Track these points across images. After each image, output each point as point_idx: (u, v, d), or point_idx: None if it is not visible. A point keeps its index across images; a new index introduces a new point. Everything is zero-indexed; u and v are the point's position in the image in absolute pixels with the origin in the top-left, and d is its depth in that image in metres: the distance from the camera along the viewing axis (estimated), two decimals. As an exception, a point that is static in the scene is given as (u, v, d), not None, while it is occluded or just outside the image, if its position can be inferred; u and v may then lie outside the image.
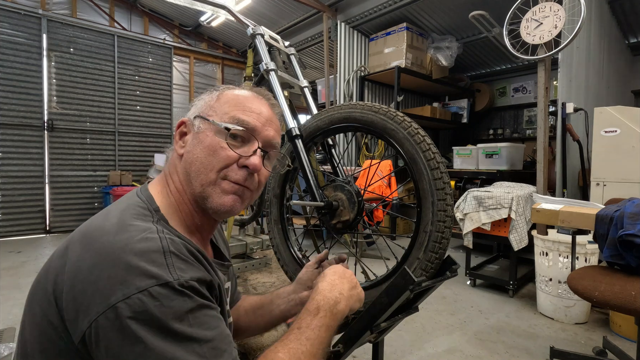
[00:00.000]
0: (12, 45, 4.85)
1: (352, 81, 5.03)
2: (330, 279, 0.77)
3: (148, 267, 0.52)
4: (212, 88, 0.78)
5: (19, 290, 3.01)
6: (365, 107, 1.18)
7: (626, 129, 2.61)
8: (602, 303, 1.45)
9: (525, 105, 5.69)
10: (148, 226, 0.59)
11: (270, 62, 1.46)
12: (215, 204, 0.68)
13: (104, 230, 0.57)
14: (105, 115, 5.64)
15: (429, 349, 2.16)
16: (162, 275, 0.52)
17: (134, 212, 0.62)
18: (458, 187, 4.19)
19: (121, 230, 0.57)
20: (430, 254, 1.02)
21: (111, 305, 0.49)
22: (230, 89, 0.77)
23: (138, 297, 0.50)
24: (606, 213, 1.63)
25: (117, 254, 0.53)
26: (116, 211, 0.63)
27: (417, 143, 1.05)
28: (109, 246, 0.54)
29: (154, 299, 0.50)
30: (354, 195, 1.18)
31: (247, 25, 1.59)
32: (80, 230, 0.62)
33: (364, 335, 1.01)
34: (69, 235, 0.64)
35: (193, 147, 0.70)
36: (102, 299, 0.50)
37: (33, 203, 5.10)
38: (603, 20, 3.72)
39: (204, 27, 6.55)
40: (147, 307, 0.50)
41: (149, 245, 0.55)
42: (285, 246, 1.40)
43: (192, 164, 0.69)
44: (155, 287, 0.51)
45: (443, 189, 1.02)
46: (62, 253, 0.59)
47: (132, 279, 0.51)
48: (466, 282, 3.26)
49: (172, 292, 0.52)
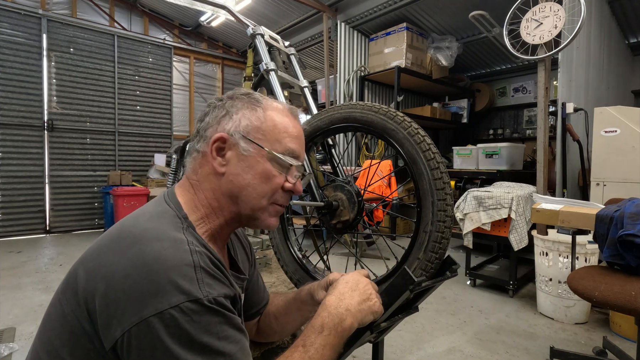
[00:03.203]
0: (12, 45, 4.85)
1: (352, 81, 5.03)
2: (339, 291, 0.74)
3: (180, 282, 0.54)
4: (249, 98, 0.74)
5: (19, 290, 3.01)
6: (365, 107, 1.17)
7: (626, 129, 2.61)
8: (602, 303, 1.45)
9: (525, 105, 5.69)
10: (180, 237, 0.60)
11: (270, 62, 1.46)
12: (263, 225, 0.75)
13: (138, 237, 0.59)
14: (105, 115, 5.63)
15: (429, 349, 2.15)
16: (192, 291, 0.55)
17: (166, 220, 0.64)
18: (458, 187, 4.19)
19: (154, 239, 0.58)
20: (430, 254, 1.02)
21: (144, 318, 0.52)
22: (273, 109, 0.74)
23: (170, 313, 0.52)
24: (606, 213, 1.63)
25: (150, 265, 0.55)
26: (148, 216, 0.65)
27: (417, 143, 1.05)
28: (142, 255, 0.56)
29: (185, 315, 0.53)
30: (353, 195, 1.18)
31: (247, 25, 1.59)
32: (114, 234, 0.63)
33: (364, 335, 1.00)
34: (103, 234, 0.65)
35: (242, 171, 0.71)
36: (136, 311, 0.53)
37: (33, 203, 5.10)
38: (603, 20, 3.72)
39: (204, 27, 6.55)
40: (179, 322, 0.53)
41: (181, 258, 0.57)
42: (285, 246, 1.40)
43: (243, 189, 0.71)
44: (187, 302, 0.54)
45: (443, 189, 1.01)
46: (95, 254, 0.61)
47: (165, 294, 0.53)
48: (466, 282, 3.26)
49: (202, 308, 0.55)
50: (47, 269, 3.57)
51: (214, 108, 0.74)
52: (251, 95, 0.75)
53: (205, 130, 0.72)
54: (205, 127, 0.73)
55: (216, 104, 0.75)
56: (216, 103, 0.75)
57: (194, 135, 0.76)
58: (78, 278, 0.60)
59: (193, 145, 0.74)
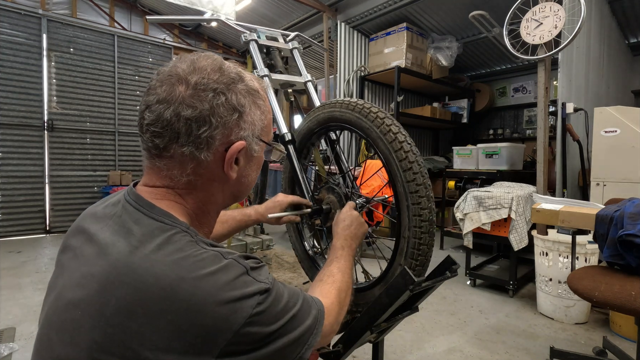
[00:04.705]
0: (12, 45, 4.85)
1: (352, 81, 5.03)
2: (340, 226, 1.02)
3: (243, 290, 0.56)
4: (248, 88, 0.66)
5: (19, 290, 3.01)
6: (343, 105, 1.11)
7: (626, 129, 2.61)
8: (602, 303, 1.45)
9: (525, 105, 5.69)
10: (213, 254, 0.57)
11: (263, 69, 1.45)
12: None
13: (172, 278, 0.52)
14: (105, 115, 5.63)
15: (429, 349, 2.15)
16: (256, 289, 0.57)
17: (181, 242, 0.57)
18: (458, 187, 4.18)
19: (192, 269, 0.53)
20: (410, 260, 0.99)
21: (235, 332, 0.53)
22: (266, 97, 0.72)
23: (256, 312, 0.55)
24: (606, 213, 1.63)
25: (213, 298, 0.52)
26: (156, 246, 0.55)
27: (389, 142, 0.98)
28: (197, 296, 0.52)
29: (266, 304, 0.57)
30: (342, 197, 1.17)
31: (240, 32, 1.59)
32: (128, 283, 0.52)
33: (364, 335, 1.00)
34: (96, 284, 0.54)
35: (251, 171, 0.72)
36: (225, 332, 0.52)
37: (33, 203, 5.09)
38: (603, 20, 3.72)
39: (204, 27, 6.56)
40: (266, 312, 0.57)
41: (231, 275, 0.56)
42: (300, 244, 1.43)
43: (249, 185, 0.74)
44: (257, 296, 0.56)
45: (417, 192, 0.94)
46: (106, 311, 0.51)
47: (241, 306, 0.54)
48: (466, 282, 3.26)
49: (269, 293, 0.59)
50: (47, 269, 3.57)
51: (210, 101, 0.60)
52: (246, 84, 0.66)
53: (203, 132, 0.59)
54: (204, 127, 0.59)
55: (207, 95, 0.60)
56: (207, 95, 0.60)
57: (164, 129, 0.59)
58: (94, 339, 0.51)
59: (176, 148, 0.60)
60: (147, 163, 0.64)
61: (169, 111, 0.58)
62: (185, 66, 0.61)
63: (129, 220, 0.59)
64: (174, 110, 0.58)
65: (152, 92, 0.61)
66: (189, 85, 0.59)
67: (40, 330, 0.60)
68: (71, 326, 0.54)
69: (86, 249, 0.60)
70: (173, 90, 0.59)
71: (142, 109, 0.61)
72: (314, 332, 0.65)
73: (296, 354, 0.62)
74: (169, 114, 0.58)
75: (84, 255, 0.60)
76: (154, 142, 0.60)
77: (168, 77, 0.61)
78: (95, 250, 0.58)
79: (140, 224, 0.58)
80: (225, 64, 0.65)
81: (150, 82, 0.62)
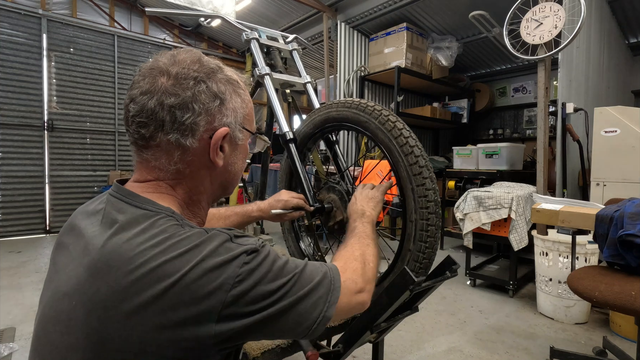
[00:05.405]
0: (12, 45, 4.85)
1: (352, 81, 5.03)
2: (358, 204, 1.00)
3: (227, 255, 0.56)
4: (227, 78, 0.68)
5: (19, 290, 3.01)
6: (340, 104, 1.17)
7: (626, 129, 2.61)
8: (602, 303, 1.45)
9: (525, 105, 5.69)
10: (197, 231, 0.58)
11: (264, 67, 1.45)
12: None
13: (159, 257, 0.53)
14: (105, 115, 5.63)
15: (429, 349, 2.15)
16: (241, 250, 0.57)
17: (165, 225, 0.58)
18: (458, 187, 4.18)
19: (178, 247, 0.55)
20: (419, 244, 1.01)
21: (227, 292, 0.53)
22: (244, 86, 0.73)
23: (244, 271, 0.55)
24: (606, 213, 1.63)
25: (200, 268, 0.53)
26: (140, 230, 0.57)
27: (388, 130, 1.04)
28: (183, 269, 0.53)
29: (255, 262, 0.57)
30: (344, 195, 1.18)
31: (241, 30, 1.59)
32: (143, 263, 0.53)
33: (364, 335, 1.01)
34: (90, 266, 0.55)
35: (237, 159, 0.73)
36: (216, 298, 0.53)
37: (33, 203, 5.09)
38: (603, 20, 3.72)
39: (204, 27, 6.55)
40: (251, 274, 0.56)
41: (215, 244, 0.57)
42: (297, 246, 1.43)
43: (237, 174, 0.74)
44: (243, 255, 0.56)
45: (420, 174, 1.01)
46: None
47: (227, 267, 0.54)
48: (466, 282, 3.26)
49: (258, 253, 0.59)
50: (47, 269, 3.56)
51: (192, 88, 0.62)
52: (226, 74, 0.68)
53: (187, 118, 0.61)
54: (188, 114, 0.61)
55: (188, 83, 0.62)
56: (189, 83, 0.62)
57: (149, 118, 0.61)
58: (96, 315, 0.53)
59: (162, 136, 0.61)
60: (136, 157, 0.66)
61: (152, 101, 0.60)
62: (166, 60, 0.64)
63: (113, 211, 0.61)
64: (157, 99, 0.60)
65: (136, 85, 0.63)
66: (171, 76, 0.62)
67: (37, 326, 0.60)
68: (67, 317, 0.55)
69: (77, 244, 0.62)
70: (155, 82, 0.61)
71: (126, 103, 0.63)
72: (332, 288, 0.64)
73: (318, 311, 0.61)
74: (152, 104, 0.60)
75: (75, 250, 0.61)
76: (140, 133, 0.62)
77: (150, 71, 0.63)
78: (84, 242, 0.60)
79: (124, 213, 0.60)
80: (204, 57, 0.68)
81: (133, 77, 0.65)
